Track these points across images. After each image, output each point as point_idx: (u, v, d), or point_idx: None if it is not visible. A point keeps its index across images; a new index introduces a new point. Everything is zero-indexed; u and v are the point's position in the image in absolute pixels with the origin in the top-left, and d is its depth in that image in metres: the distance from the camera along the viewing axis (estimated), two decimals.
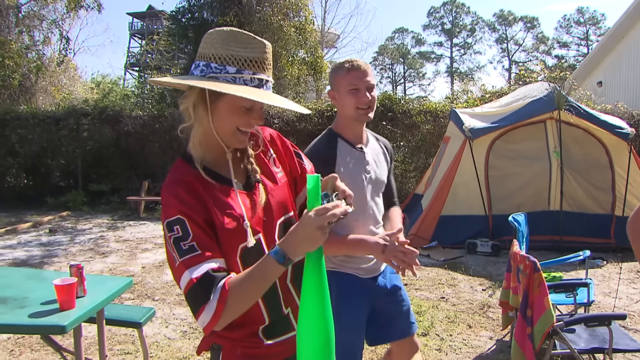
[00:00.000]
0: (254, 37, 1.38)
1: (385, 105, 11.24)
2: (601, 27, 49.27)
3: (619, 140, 6.96)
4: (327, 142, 2.23)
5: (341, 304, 2.23)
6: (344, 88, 2.15)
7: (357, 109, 2.13)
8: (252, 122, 1.40)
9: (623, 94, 13.90)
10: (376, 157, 2.32)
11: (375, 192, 2.30)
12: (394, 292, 2.40)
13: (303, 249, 1.26)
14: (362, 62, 2.17)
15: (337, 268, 2.29)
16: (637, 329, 4.44)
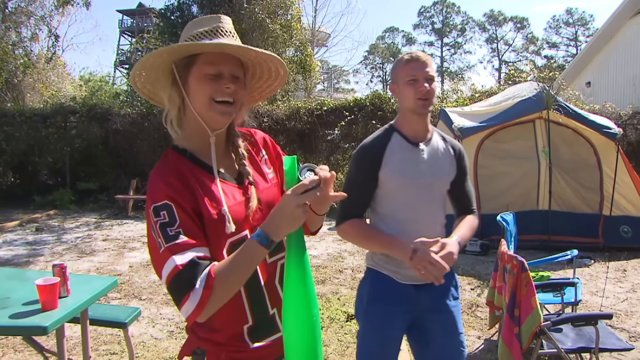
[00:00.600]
0: (212, 16, 1.40)
1: (375, 104, 11.27)
2: (590, 28, 49.63)
3: (607, 140, 7.00)
4: (380, 136, 2.17)
5: (372, 305, 2.17)
6: (402, 79, 2.09)
7: (416, 100, 2.05)
8: (222, 89, 1.36)
9: (611, 95, 14.00)
10: (437, 158, 2.16)
11: (430, 194, 2.14)
12: (440, 310, 2.17)
13: (284, 228, 1.25)
14: (421, 53, 2.11)
15: (374, 267, 2.20)
16: (623, 328, 4.46)
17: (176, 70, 1.37)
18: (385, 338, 2.14)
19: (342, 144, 11.65)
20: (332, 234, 8.49)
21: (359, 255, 7.08)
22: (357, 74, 54.80)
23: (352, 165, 2.17)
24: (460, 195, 2.28)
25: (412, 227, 2.05)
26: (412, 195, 2.10)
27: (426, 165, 2.12)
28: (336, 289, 5.54)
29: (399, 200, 2.11)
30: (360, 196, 2.13)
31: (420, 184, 2.10)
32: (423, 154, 2.13)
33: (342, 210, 2.15)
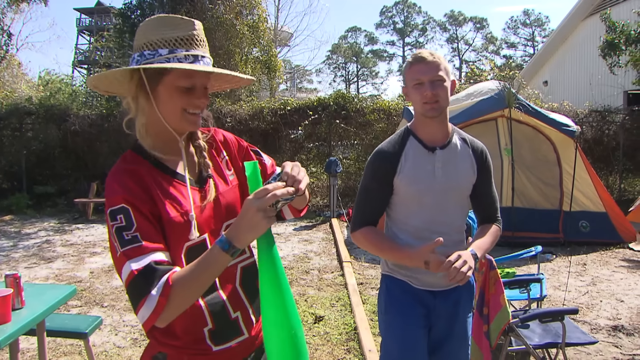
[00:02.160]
0: (181, 18, 1.36)
1: (338, 104, 11.28)
2: (546, 29, 51.09)
3: (566, 138, 7.16)
4: (396, 140, 2.09)
5: (390, 311, 2.12)
6: (409, 83, 2.01)
7: (423, 104, 1.97)
8: (195, 102, 1.35)
9: (568, 93, 14.40)
10: (455, 162, 2.06)
11: (447, 201, 2.04)
12: (450, 317, 2.12)
13: (247, 235, 1.20)
14: (427, 53, 1.99)
15: (389, 273, 2.15)
16: (585, 321, 4.56)
17: (145, 75, 1.32)
18: (408, 343, 2.06)
19: (306, 144, 11.63)
20: (297, 234, 8.44)
21: (325, 255, 7.05)
22: (320, 74, 54.95)
23: (367, 170, 2.10)
24: (482, 200, 2.16)
25: (427, 234, 1.97)
26: (427, 202, 2.02)
27: (442, 171, 2.02)
28: (303, 290, 5.50)
29: (413, 207, 2.04)
30: (375, 203, 2.08)
31: (436, 190, 2.01)
32: (439, 159, 2.03)
33: (356, 217, 2.09)
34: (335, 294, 5.34)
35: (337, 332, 4.32)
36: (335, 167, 9.54)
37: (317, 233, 8.67)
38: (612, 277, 5.93)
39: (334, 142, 11.63)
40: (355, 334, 4.23)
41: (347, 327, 4.41)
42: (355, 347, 4.01)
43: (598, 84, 13.51)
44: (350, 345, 4.07)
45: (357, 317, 4.49)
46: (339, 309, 4.88)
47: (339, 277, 5.97)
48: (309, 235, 8.49)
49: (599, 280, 5.79)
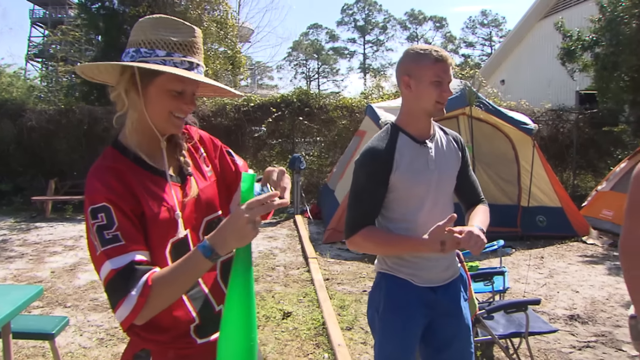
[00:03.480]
0: (182, 22, 1.38)
1: (302, 101, 11.32)
2: (502, 29, 52.26)
3: (524, 136, 7.39)
4: (385, 139, 2.04)
5: (389, 312, 2.08)
6: (428, 79, 1.94)
7: (436, 103, 1.97)
8: (183, 107, 1.37)
9: (524, 92, 14.76)
10: (443, 153, 2.09)
11: (442, 192, 2.07)
12: (456, 315, 2.12)
13: (232, 243, 1.22)
14: (447, 54, 1.98)
15: (389, 271, 2.10)
16: (544, 311, 4.74)
17: (138, 73, 1.33)
18: (405, 346, 2.06)
19: (269, 141, 11.61)
20: (261, 231, 8.41)
21: (290, 252, 7.08)
22: (281, 70, 54.81)
23: (360, 172, 2.03)
24: (467, 186, 2.21)
25: (423, 228, 1.95)
26: (423, 195, 2.02)
27: (435, 163, 2.04)
28: (270, 286, 5.52)
29: (411, 202, 2.03)
30: (371, 204, 2.02)
31: (432, 182, 2.02)
32: (431, 151, 2.05)
33: (352, 221, 2.03)
34: (302, 289, 5.38)
35: (305, 328, 4.36)
36: (299, 163, 9.57)
37: (281, 230, 8.69)
38: (567, 269, 6.17)
39: (297, 138, 11.66)
40: (324, 329, 4.27)
41: (315, 322, 4.46)
42: (324, 342, 4.05)
43: (553, 84, 13.95)
44: (319, 340, 4.11)
45: (325, 313, 4.54)
46: (307, 304, 4.92)
47: (305, 273, 6.01)
48: (274, 232, 8.51)
49: (555, 273, 6.01)
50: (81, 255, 6.82)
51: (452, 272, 2.14)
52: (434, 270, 2.06)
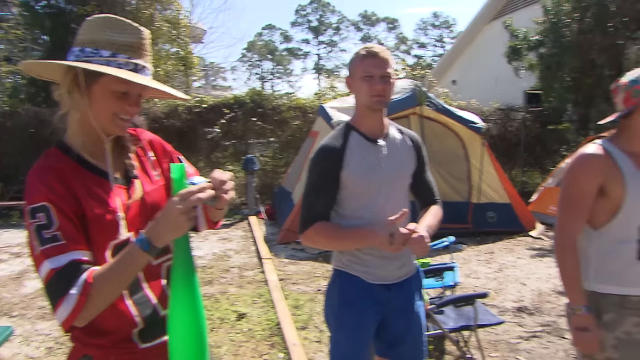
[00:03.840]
0: (130, 23, 1.35)
1: (255, 101, 11.26)
2: (453, 31, 53.30)
3: (474, 134, 7.57)
4: (338, 137, 2.09)
5: (343, 308, 2.11)
6: (359, 74, 2.01)
7: (371, 97, 2.00)
8: (128, 109, 1.35)
9: (475, 92, 15.11)
10: (396, 152, 2.12)
11: (395, 190, 2.10)
12: (408, 312, 2.17)
13: (168, 235, 1.22)
14: (380, 49, 2.03)
15: (343, 268, 2.14)
16: (493, 304, 4.87)
17: (82, 72, 1.30)
18: (358, 341, 2.10)
19: (223, 142, 11.49)
20: (215, 233, 8.34)
21: (245, 253, 7.04)
22: (235, 71, 54.39)
23: (313, 170, 2.08)
24: (422, 186, 2.25)
25: (375, 225, 2.00)
26: (375, 192, 2.06)
27: (387, 161, 2.08)
28: (224, 288, 5.46)
29: (362, 200, 2.07)
30: (323, 200, 2.06)
31: (383, 180, 2.06)
32: (383, 150, 2.09)
33: (305, 216, 2.06)
34: (256, 290, 5.36)
35: (260, 328, 4.34)
36: (252, 164, 9.52)
37: (235, 231, 8.62)
38: (516, 263, 6.35)
39: (251, 140, 11.59)
40: (279, 329, 4.27)
41: (270, 322, 4.45)
42: (279, 342, 4.05)
43: (501, 84, 14.34)
44: (274, 340, 4.11)
45: (279, 313, 4.54)
46: (261, 305, 4.91)
47: (259, 274, 5.99)
48: (228, 233, 8.43)
49: (505, 267, 6.18)
50: (28, 263, 6.57)
51: (406, 270, 2.17)
52: (388, 268, 2.09)
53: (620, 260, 1.95)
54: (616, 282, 1.95)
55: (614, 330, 1.94)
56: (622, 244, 1.94)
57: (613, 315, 1.95)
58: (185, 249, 1.28)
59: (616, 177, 1.92)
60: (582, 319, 1.95)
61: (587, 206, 1.98)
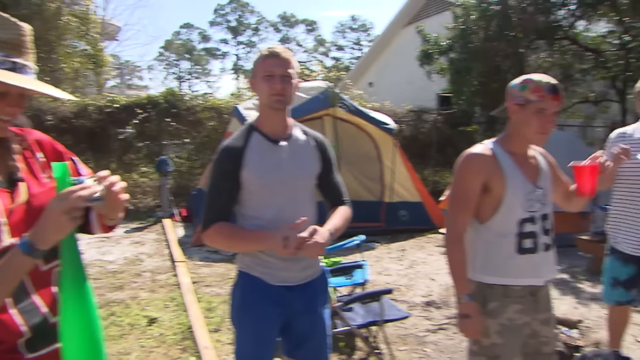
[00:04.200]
0: (8, 19, 1.28)
1: (169, 102, 11.00)
2: (371, 34, 54.47)
3: (386, 135, 7.80)
4: (239, 137, 2.08)
5: (244, 310, 2.10)
6: (260, 74, 2.02)
7: (270, 96, 2.00)
8: (7, 109, 1.28)
9: (390, 94, 15.56)
10: (299, 153, 2.13)
11: (298, 191, 2.10)
12: (311, 313, 2.18)
13: (51, 236, 1.18)
14: (282, 50, 2.04)
15: (245, 269, 2.13)
16: (404, 300, 5.04)
17: None
18: (260, 342, 2.10)
19: (136, 143, 11.14)
20: (128, 237, 8.09)
21: (158, 256, 6.86)
22: (151, 71, 52.84)
23: (214, 168, 2.08)
24: (329, 187, 2.25)
25: (276, 225, 1.98)
26: (277, 193, 2.05)
27: (288, 162, 2.08)
28: (135, 293, 5.31)
29: (263, 200, 2.06)
30: (224, 199, 2.05)
31: (284, 181, 2.06)
32: (284, 150, 2.09)
33: (206, 216, 2.06)
34: (168, 294, 5.24)
35: (171, 333, 4.26)
36: (166, 166, 9.30)
37: (149, 234, 8.38)
38: (426, 259, 6.60)
39: (165, 141, 11.31)
40: (191, 332, 4.20)
41: (182, 326, 4.37)
42: (191, 346, 3.99)
43: (416, 86, 14.84)
44: (186, 344, 4.04)
45: (191, 316, 4.47)
46: (173, 309, 4.81)
47: (172, 277, 5.86)
48: (141, 237, 8.18)
49: (415, 264, 6.41)
50: None
51: (311, 272, 2.18)
52: (290, 269, 2.10)
53: (501, 253, 2.09)
54: (499, 274, 2.10)
55: (498, 318, 2.08)
56: (503, 237, 2.09)
57: (497, 303, 2.09)
58: (73, 252, 1.25)
59: (498, 174, 2.06)
60: (465, 307, 2.07)
61: (473, 202, 2.11)
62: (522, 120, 2.07)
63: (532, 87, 2.03)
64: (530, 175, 2.13)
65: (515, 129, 2.13)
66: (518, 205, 2.06)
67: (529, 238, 2.08)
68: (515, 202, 2.06)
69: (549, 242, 2.15)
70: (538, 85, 2.02)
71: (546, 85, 2.01)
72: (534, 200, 2.09)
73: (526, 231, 2.08)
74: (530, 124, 2.04)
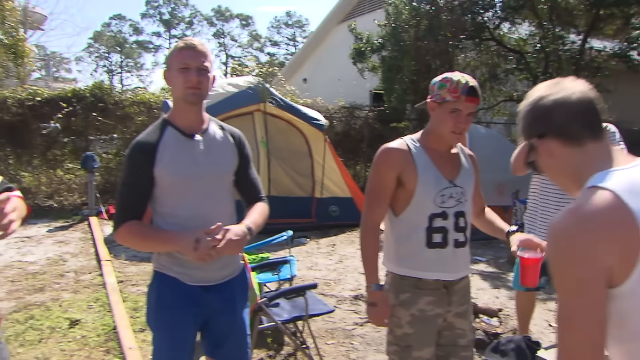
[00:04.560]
0: None
1: (95, 96, 10.60)
2: (306, 30, 54.68)
3: (316, 131, 7.88)
4: (152, 132, 2.01)
5: (161, 311, 2.04)
6: (175, 66, 1.96)
7: (186, 89, 1.95)
8: None
9: (324, 91, 15.68)
10: (215, 148, 2.08)
11: (214, 187, 2.07)
12: (229, 313, 2.15)
13: None
14: (198, 42, 2.00)
15: (161, 269, 2.07)
16: (333, 294, 5.12)
17: None
18: (177, 343, 2.05)
19: (61, 138, 10.70)
20: (51, 236, 7.77)
21: (83, 256, 6.64)
22: (80, 63, 50.82)
23: (125, 164, 2.01)
24: (246, 184, 2.23)
25: (196, 223, 1.95)
26: (192, 190, 2.01)
27: (204, 157, 2.04)
28: (57, 294, 5.12)
29: (179, 197, 2.01)
30: (136, 197, 1.99)
31: (200, 177, 2.02)
32: (199, 145, 2.04)
33: (118, 214, 1.99)
34: (93, 294, 5.09)
35: (95, 334, 4.14)
36: (92, 162, 8.98)
37: (74, 233, 8.08)
38: (356, 254, 6.71)
39: (92, 136, 10.91)
40: (115, 333, 4.10)
41: (106, 327, 4.26)
42: (115, 347, 3.90)
43: (350, 83, 15.03)
44: (110, 345, 3.94)
45: (116, 317, 4.36)
46: (98, 309, 4.68)
47: (97, 277, 5.69)
48: (65, 236, 7.88)
49: (345, 258, 6.52)
50: None
51: (229, 271, 2.16)
52: (207, 269, 2.05)
53: (412, 245, 2.15)
54: (410, 266, 2.16)
55: (410, 308, 2.14)
56: (414, 230, 2.14)
57: (409, 294, 2.15)
58: None
59: (411, 169, 2.12)
60: (372, 295, 2.16)
61: (387, 194, 2.16)
62: (438, 117, 2.12)
63: (449, 87, 2.05)
64: (447, 171, 2.16)
65: (433, 126, 2.18)
66: (429, 199, 2.11)
67: (438, 233, 2.13)
68: (426, 196, 2.11)
69: (462, 239, 2.17)
70: (455, 86, 2.05)
71: (463, 87, 2.05)
72: (448, 196, 2.13)
73: (436, 226, 2.12)
74: (445, 122, 2.09)
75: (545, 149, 1.27)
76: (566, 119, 1.23)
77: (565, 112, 1.23)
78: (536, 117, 1.29)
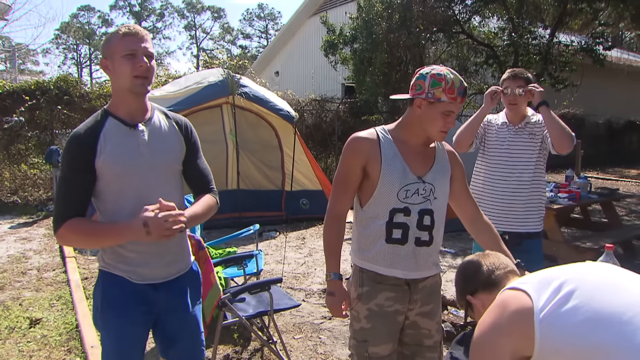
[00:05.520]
0: None
1: (60, 88, 10.35)
2: (278, 23, 54.39)
3: (286, 123, 7.80)
4: (92, 123, 1.89)
5: (108, 311, 1.95)
6: (119, 54, 1.84)
7: (134, 78, 1.84)
8: None
9: (295, 83, 15.64)
10: (160, 137, 1.98)
11: (158, 178, 1.95)
12: (180, 310, 2.08)
13: None
14: (140, 27, 1.91)
15: (106, 268, 1.97)
16: (301, 288, 5.08)
17: None
18: (125, 343, 1.97)
19: (25, 132, 10.42)
20: (14, 232, 7.55)
21: (47, 253, 6.47)
22: (47, 55, 49.69)
23: (64, 160, 1.88)
24: (194, 174, 2.13)
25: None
26: (138, 181, 1.91)
27: (148, 147, 1.93)
28: (18, 293, 4.96)
29: (123, 190, 1.90)
30: (75, 193, 1.86)
31: (145, 167, 1.92)
32: (143, 135, 1.93)
33: (57, 213, 1.86)
34: (55, 292, 4.95)
35: (56, 334, 4.03)
36: (58, 156, 8.76)
37: (38, 229, 7.87)
38: None
39: (58, 130, 10.65)
40: (77, 332, 4.00)
41: (68, 326, 4.14)
42: (77, 346, 3.80)
43: (322, 76, 14.99)
44: (72, 344, 3.84)
45: (79, 314, 4.25)
46: (60, 308, 4.55)
47: (61, 274, 5.55)
48: (29, 232, 7.67)
49: (314, 252, 6.48)
50: None
51: (177, 268, 2.09)
52: (155, 266, 1.99)
53: (371, 239, 2.10)
54: (369, 259, 2.12)
55: (368, 302, 2.10)
56: (374, 223, 2.09)
57: (368, 288, 2.11)
58: None
59: (376, 160, 2.06)
60: (331, 284, 2.12)
61: (353, 183, 2.12)
62: (427, 115, 2.04)
63: (445, 87, 1.98)
64: (416, 166, 2.09)
65: (415, 120, 2.09)
66: (392, 193, 2.04)
67: (398, 229, 2.06)
68: (389, 189, 2.05)
69: (426, 238, 2.09)
70: (451, 86, 1.98)
71: (459, 88, 1.99)
72: (413, 192, 2.06)
73: (397, 221, 2.06)
74: (435, 121, 2.02)
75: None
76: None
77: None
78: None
